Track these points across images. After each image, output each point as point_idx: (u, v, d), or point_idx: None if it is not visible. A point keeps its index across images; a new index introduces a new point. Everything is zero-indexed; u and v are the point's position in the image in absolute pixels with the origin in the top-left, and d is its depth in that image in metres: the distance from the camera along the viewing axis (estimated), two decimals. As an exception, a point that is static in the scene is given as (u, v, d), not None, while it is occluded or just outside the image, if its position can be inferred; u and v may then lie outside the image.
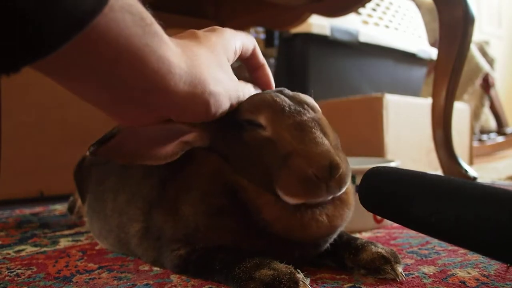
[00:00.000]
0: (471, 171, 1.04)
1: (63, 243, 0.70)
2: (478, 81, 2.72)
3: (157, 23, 0.35)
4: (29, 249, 0.66)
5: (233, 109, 0.46)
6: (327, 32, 1.62)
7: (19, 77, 0.28)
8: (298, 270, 0.41)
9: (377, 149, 1.23)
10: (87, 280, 0.50)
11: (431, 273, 0.48)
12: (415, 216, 0.38)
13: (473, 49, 2.71)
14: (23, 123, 1.27)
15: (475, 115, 2.74)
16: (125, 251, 0.59)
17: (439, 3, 1.01)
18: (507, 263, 0.38)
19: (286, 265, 0.42)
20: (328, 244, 0.49)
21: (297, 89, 0.51)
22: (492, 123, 3.10)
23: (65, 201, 0.97)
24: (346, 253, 0.49)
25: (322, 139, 0.43)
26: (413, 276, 0.47)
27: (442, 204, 0.36)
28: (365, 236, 0.67)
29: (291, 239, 0.44)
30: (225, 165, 0.47)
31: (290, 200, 0.42)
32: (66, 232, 0.79)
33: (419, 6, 2.22)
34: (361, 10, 1.81)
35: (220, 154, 0.47)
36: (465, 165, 1.05)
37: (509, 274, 0.47)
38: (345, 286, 0.45)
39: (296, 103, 0.46)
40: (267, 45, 1.75)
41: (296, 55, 1.65)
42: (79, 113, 1.28)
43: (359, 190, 0.44)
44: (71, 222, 0.87)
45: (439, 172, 1.13)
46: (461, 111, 1.61)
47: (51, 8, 0.26)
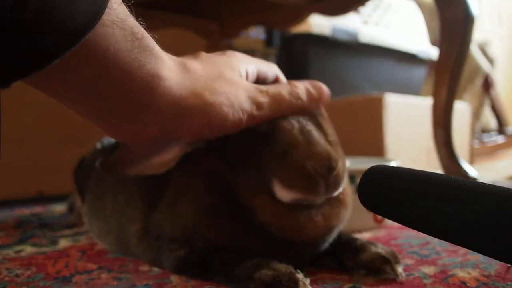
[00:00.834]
0: (471, 171, 1.04)
1: (63, 243, 0.70)
2: (478, 81, 2.72)
3: (150, 36, 0.35)
4: (28, 249, 0.66)
5: None
6: (327, 32, 1.62)
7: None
8: (298, 270, 0.41)
9: (377, 149, 1.22)
10: (87, 280, 0.50)
11: (432, 273, 0.48)
12: (416, 215, 0.38)
13: (474, 48, 2.70)
14: (23, 123, 1.27)
15: (476, 115, 2.73)
16: (124, 251, 0.59)
17: (439, 2, 1.01)
18: (509, 263, 0.38)
19: (286, 265, 0.41)
20: (327, 244, 0.48)
21: (297, 88, 0.51)
22: (492, 123, 3.10)
23: (65, 201, 0.97)
24: (346, 253, 0.49)
25: (320, 137, 0.43)
26: (414, 276, 0.47)
27: (442, 203, 0.36)
28: (365, 236, 0.67)
29: (287, 239, 0.44)
30: (222, 164, 0.46)
31: (286, 194, 0.42)
32: (65, 232, 0.79)
33: (419, 5, 2.22)
34: (361, 10, 1.80)
35: (217, 153, 0.47)
36: (465, 165, 1.05)
37: (509, 274, 0.46)
38: (345, 286, 0.44)
39: None
40: (267, 45, 1.75)
41: (296, 55, 1.65)
42: (79, 113, 1.28)
43: (359, 188, 0.44)
44: (71, 222, 0.87)
45: (439, 172, 1.13)
46: (461, 110, 1.60)
47: (43, 26, 0.26)
